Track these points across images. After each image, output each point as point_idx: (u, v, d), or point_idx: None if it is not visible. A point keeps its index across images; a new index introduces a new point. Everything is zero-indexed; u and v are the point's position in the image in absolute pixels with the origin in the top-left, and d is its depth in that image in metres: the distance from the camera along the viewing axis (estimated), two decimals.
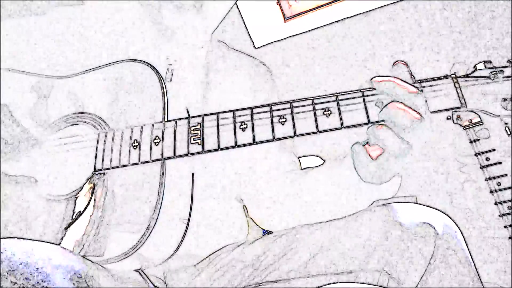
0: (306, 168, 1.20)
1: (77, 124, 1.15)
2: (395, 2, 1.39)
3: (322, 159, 1.32)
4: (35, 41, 1.20)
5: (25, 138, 1.13)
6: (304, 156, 1.34)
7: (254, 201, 1.17)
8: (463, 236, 1.12)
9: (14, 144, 1.12)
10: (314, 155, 1.38)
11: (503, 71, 0.98)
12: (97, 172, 1.10)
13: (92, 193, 1.10)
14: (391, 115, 0.98)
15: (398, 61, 1.05)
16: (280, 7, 1.43)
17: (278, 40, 1.44)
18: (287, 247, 1.15)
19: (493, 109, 0.98)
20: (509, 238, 1.32)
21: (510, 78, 0.99)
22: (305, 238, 1.15)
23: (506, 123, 0.98)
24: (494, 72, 0.99)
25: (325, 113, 1.03)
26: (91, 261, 1.04)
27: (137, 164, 1.08)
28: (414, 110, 0.98)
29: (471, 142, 1.34)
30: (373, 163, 1.01)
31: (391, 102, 0.99)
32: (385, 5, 1.40)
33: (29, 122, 1.15)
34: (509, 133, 1.00)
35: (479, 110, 0.99)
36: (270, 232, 1.20)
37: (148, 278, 1.15)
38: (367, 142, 1.03)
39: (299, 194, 1.14)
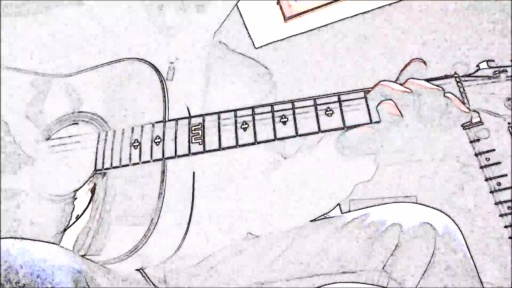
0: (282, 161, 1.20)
1: (77, 124, 1.15)
2: (395, 2, 1.40)
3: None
4: (35, 40, 1.20)
5: (18, 156, 1.13)
6: None
7: (246, 203, 1.17)
8: (463, 236, 1.12)
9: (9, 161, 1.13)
10: None
11: (506, 71, 0.98)
12: (97, 172, 1.10)
13: (93, 193, 1.10)
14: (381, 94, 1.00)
15: (415, 59, 1.05)
16: (280, 7, 1.43)
17: (278, 40, 1.44)
18: (287, 248, 1.15)
19: (496, 109, 0.98)
20: (509, 238, 1.33)
21: None
22: (304, 239, 1.15)
23: (509, 123, 0.98)
24: (497, 72, 0.99)
25: (327, 112, 1.03)
26: (91, 261, 1.03)
27: (137, 164, 1.08)
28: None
29: (471, 142, 1.34)
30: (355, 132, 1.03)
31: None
32: (385, 5, 1.40)
33: (27, 125, 1.15)
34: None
35: (482, 110, 0.99)
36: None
37: (148, 278, 1.15)
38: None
39: (277, 191, 1.14)
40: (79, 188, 1.11)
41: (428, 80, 1.01)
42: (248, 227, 1.17)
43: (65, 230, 1.08)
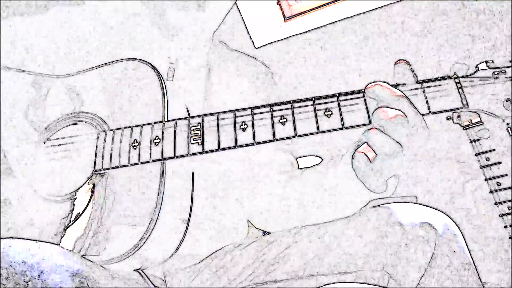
0: (303, 168, 1.20)
1: (77, 124, 1.15)
2: (395, 2, 1.39)
3: (321, 159, 1.32)
4: (35, 40, 1.20)
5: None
6: (303, 157, 1.34)
7: (251, 202, 1.17)
8: (463, 236, 1.12)
9: None
10: (314, 155, 1.38)
11: (505, 71, 0.98)
12: (96, 172, 1.10)
13: (92, 193, 1.10)
14: (379, 120, 0.98)
15: (400, 60, 1.04)
16: (280, 7, 1.43)
17: (278, 40, 1.44)
18: (287, 248, 1.15)
19: (495, 110, 0.98)
20: (509, 238, 1.33)
21: None
22: (305, 238, 1.15)
23: (508, 124, 0.98)
24: (496, 72, 0.99)
25: (326, 113, 1.03)
26: (91, 261, 1.03)
27: (137, 164, 1.08)
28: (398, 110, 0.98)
29: (471, 142, 1.34)
30: (369, 165, 1.01)
31: (378, 107, 0.99)
32: (385, 5, 1.40)
33: (26, 124, 1.15)
34: (511, 134, 1.00)
35: (481, 111, 0.99)
36: (269, 233, 1.20)
37: (148, 278, 1.15)
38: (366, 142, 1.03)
39: (294, 195, 1.14)
40: (79, 188, 1.11)
41: (427, 81, 1.01)
42: (248, 228, 1.17)
43: (65, 230, 1.08)
